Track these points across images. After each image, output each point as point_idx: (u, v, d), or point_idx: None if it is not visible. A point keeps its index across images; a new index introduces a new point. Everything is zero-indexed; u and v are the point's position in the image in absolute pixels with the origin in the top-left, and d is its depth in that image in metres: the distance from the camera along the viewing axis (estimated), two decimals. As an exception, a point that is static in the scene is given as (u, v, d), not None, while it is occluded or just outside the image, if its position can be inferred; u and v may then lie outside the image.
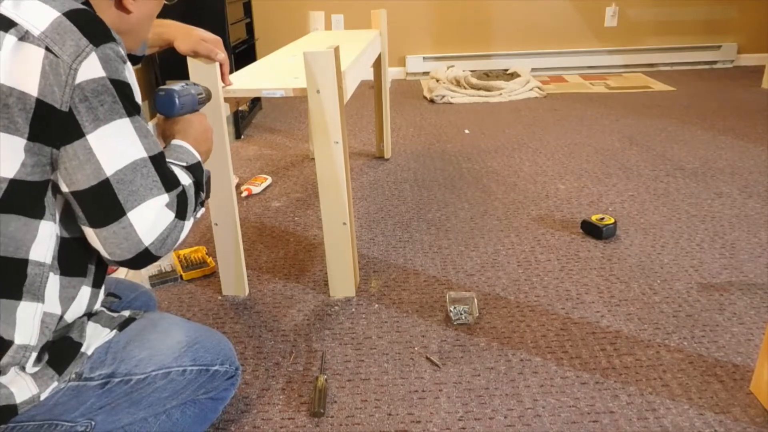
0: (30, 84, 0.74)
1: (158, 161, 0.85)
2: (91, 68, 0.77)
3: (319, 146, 1.50)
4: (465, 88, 3.92)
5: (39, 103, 0.74)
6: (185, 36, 1.33)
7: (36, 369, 0.85)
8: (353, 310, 1.59)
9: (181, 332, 1.02)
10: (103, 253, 0.83)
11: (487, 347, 1.42)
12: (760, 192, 2.24)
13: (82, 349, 0.90)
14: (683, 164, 2.55)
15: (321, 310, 1.60)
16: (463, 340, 1.45)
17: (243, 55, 3.53)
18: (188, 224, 0.90)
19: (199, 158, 1.00)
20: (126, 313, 1.01)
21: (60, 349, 0.88)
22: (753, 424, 1.17)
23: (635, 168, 2.53)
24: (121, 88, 0.81)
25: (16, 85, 0.74)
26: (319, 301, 1.64)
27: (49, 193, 0.80)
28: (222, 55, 1.37)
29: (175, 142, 1.00)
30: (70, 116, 0.76)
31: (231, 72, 2.22)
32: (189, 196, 0.91)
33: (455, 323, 1.51)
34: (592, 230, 1.94)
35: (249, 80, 1.58)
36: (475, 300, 1.57)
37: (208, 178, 1.05)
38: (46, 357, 0.86)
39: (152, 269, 1.78)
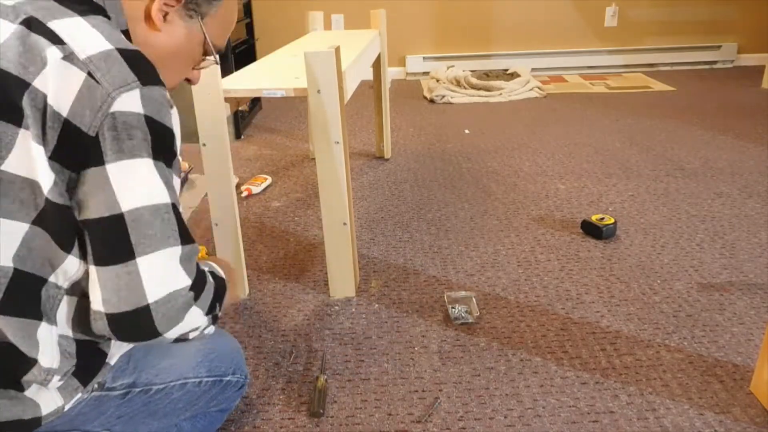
0: (63, 103, 0.71)
1: (177, 212, 0.79)
2: (131, 102, 0.73)
3: (319, 146, 1.50)
4: (465, 88, 3.92)
5: (67, 123, 0.71)
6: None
7: (61, 382, 0.82)
8: (353, 310, 1.60)
9: (199, 339, 0.99)
10: (96, 303, 0.74)
11: (487, 347, 1.42)
12: (760, 192, 2.24)
13: (107, 359, 0.89)
14: (683, 164, 2.55)
15: (321, 310, 1.60)
16: (463, 340, 1.45)
17: (243, 55, 3.53)
18: (200, 315, 0.81)
19: (225, 278, 0.94)
20: None
21: (87, 360, 0.85)
22: (753, 424, 1.17)
23: (635, 168, 2.53)
24: (159, 131, 0.76)
25: (53, 102, 0.71)
26: (319, 301, 1.64)
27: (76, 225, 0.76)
28: None
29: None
30: (95, 141, 0.72)
31: (231, 72, 2.22)
32: (207, 282, 0.84)
33: (455, 323, 1.51)
34: (592, 230, 1.94)
35: (249, 80, 1.58)
36: (474, 300, 1.57)
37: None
38: (72, 369, 0.84)
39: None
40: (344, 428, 1.20)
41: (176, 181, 0.80)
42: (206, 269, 0.88)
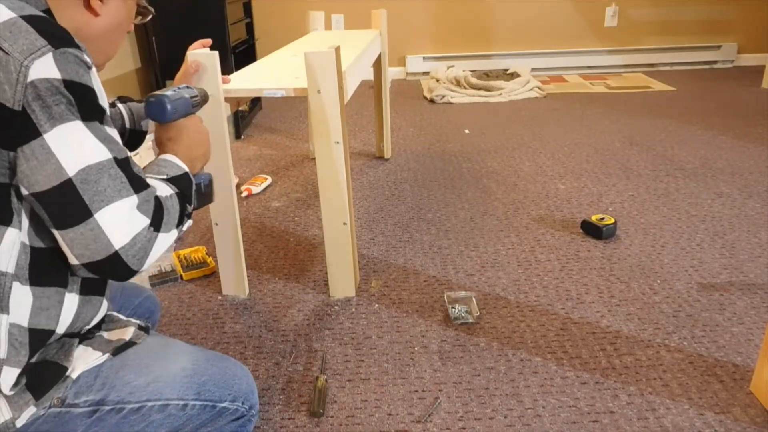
0: None
1: (124, 164, 0.80)
2: (45, 67, 0.72)
3: (319, 146, 1.50)
4: (465, 88, 3.92)
5: None
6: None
7: (12, 392, 0.79)
8: (353, 310, 1.60)
9: (188, 359, 0.91)
10: (71, 258, 0.77)
11: (487, 347, 1.42)
12: (760, 192, 2.24)
13: (67, 373, 0.83)
14: (683, 164, 2.55)
15: (321, 310, 1.60)
16: (463, 340, 1.45)
17: (243, 55, 3.53)
18: (166, 237, 0.83)
19: (186, 169, 0.94)
20: (127, 337, 0.92)
21: (41, 372, 0.81)
22: (753, 424, 1.17)
23: (635, 168, 2.53)
24: (81, 92, 0.76)
25: None
26: (319, 301, 1.64)
27: (14, 199, 0.76)
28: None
29: (161, 156, 0.95)
30: (24, 115, 0.71)
31: (231, 72, 2.22)
32: (167, 207, 0.84)
33: (455, 323, 1.51)
34: (592, 230, 1.94)
35: (249, 80, 1.58)
36: (474, 299, 1.57)
37: (210, 181, 1.01)
38: (24, 380, 0.80)
39: (152, 269, 1.78)
40: (344, 428, 1.20)
41: (114, 133, 0.81)
42: (160, 192, 0.86)
